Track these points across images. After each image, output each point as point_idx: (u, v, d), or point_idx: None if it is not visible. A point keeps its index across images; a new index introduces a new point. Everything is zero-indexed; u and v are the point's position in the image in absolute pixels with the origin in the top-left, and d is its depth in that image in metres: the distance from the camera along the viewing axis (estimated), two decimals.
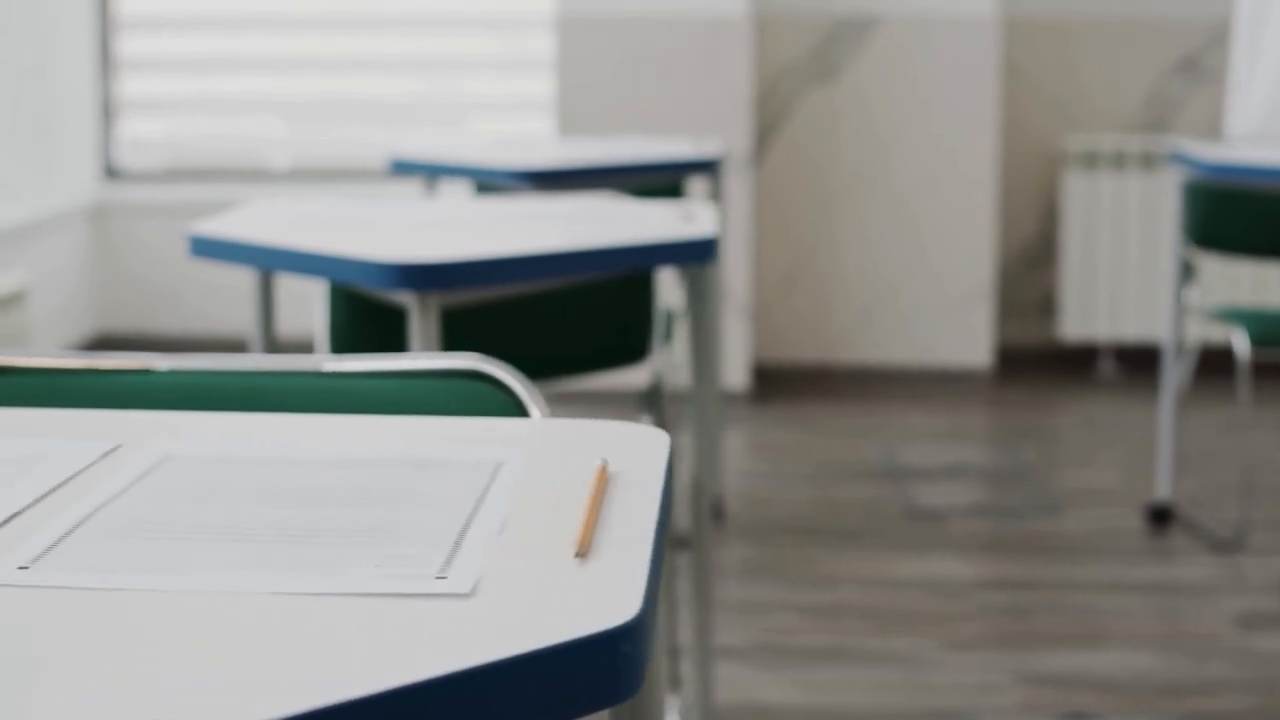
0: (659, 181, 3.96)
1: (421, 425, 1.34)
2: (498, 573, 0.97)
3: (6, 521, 1.06)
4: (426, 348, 2.17)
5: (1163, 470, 4.11)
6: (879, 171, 5.45)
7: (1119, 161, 5.47)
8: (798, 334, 5.54)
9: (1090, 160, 5.48)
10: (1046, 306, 5.68)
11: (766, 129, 5.44)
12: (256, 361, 1.57)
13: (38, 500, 1.10)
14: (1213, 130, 5.49)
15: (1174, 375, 4.06)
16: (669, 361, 3.62)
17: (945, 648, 3.32)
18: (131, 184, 5.89)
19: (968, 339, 5.49)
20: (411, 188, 5.59)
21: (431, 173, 3.82)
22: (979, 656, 3.27)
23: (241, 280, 5.72)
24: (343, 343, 2.83)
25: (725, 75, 5.15)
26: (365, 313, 2.79)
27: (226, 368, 1.57)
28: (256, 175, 5.89)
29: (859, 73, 5.40)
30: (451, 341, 2.47)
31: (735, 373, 5.24)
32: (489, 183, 3.77)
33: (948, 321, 5.50)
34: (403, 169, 3.83)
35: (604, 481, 1.12)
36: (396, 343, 2.75)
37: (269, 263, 2.36)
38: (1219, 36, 5.49)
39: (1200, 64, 5.52)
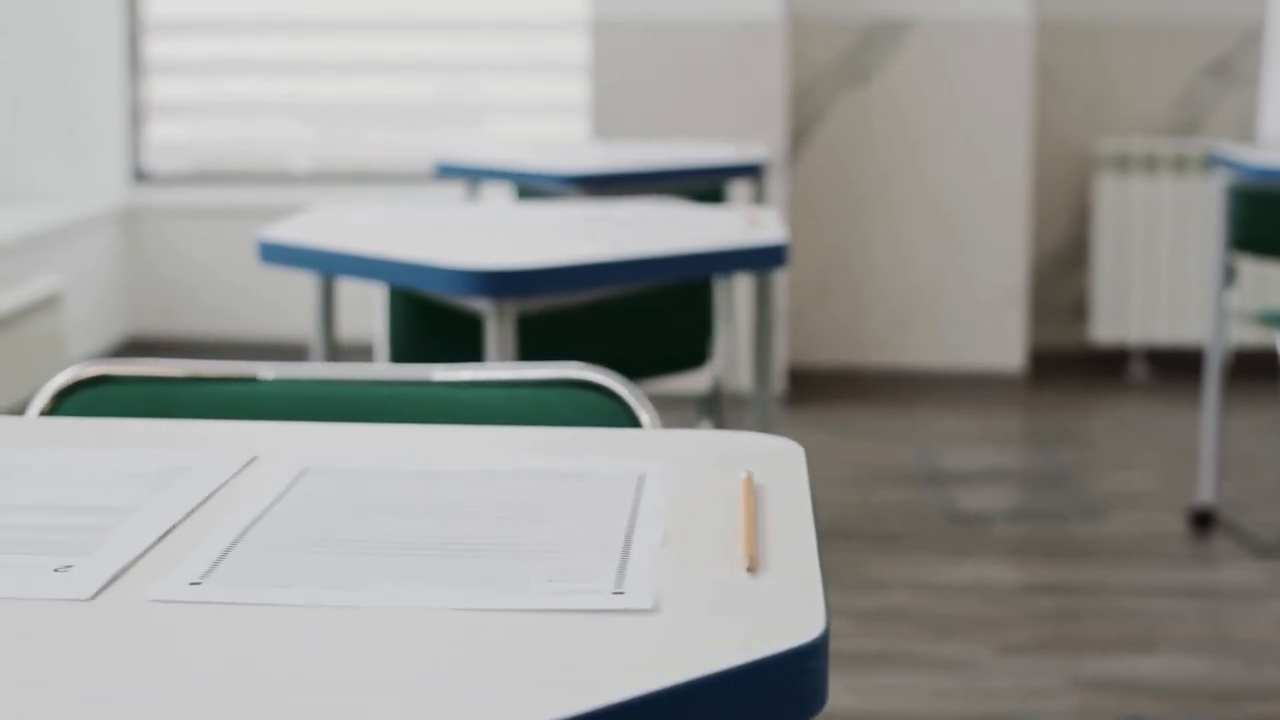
0: (701, 185, 3.96)
1: (547, 436, 1.34)
2: (671, 587, 0.96)
3: (164, 536, 1.05)
4: (504, 355, 2.17)
5: (1206, 474, 4.10)
6: (912, 175, 5.44)
7: (1151, 164, 5.47)
8: (831, 338, 5.53)
9: (1122, 163, 5.47)
10: (1078, 309, 5.67)
11: (800, 132, 5.44)
12: (363, 370, 1.57)
13: (189, 514, 1.09)
14: (1244, 133, 5.48)
15: (1216, 378, 4.05)
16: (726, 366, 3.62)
17: (997, 652, 3.31)
18: (160, 187, 5.89)
19: (1000, 342, 5.49)
20: (438, 190, 5.59)
21: (475, 176, 3.82)
22: (1031, 661, 3.27)
23: (271, 283, 5.72)
24: (402, 347, 2.82)
25: (759, 79, 5.15)
26: (424, 317, 2.79)
27: (333, 376, 1.57)
28: (284, 178, 5.89)
29: (892, 76, 5.40)
30: (519, 349, 2.47)
31: None
32: (532, 186, 3.76)
33: (980, 324, 5.49)
34: (447, 172, 3.83)
35: (753, 494, 1.12)
36: (457, 346, 2.74)
37: (343, 269, 2.35)
38: (1250, 39, 5.48)
39: (1232, 66, 5.52)
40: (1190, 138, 5.53)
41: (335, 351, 2.72)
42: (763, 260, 2.35)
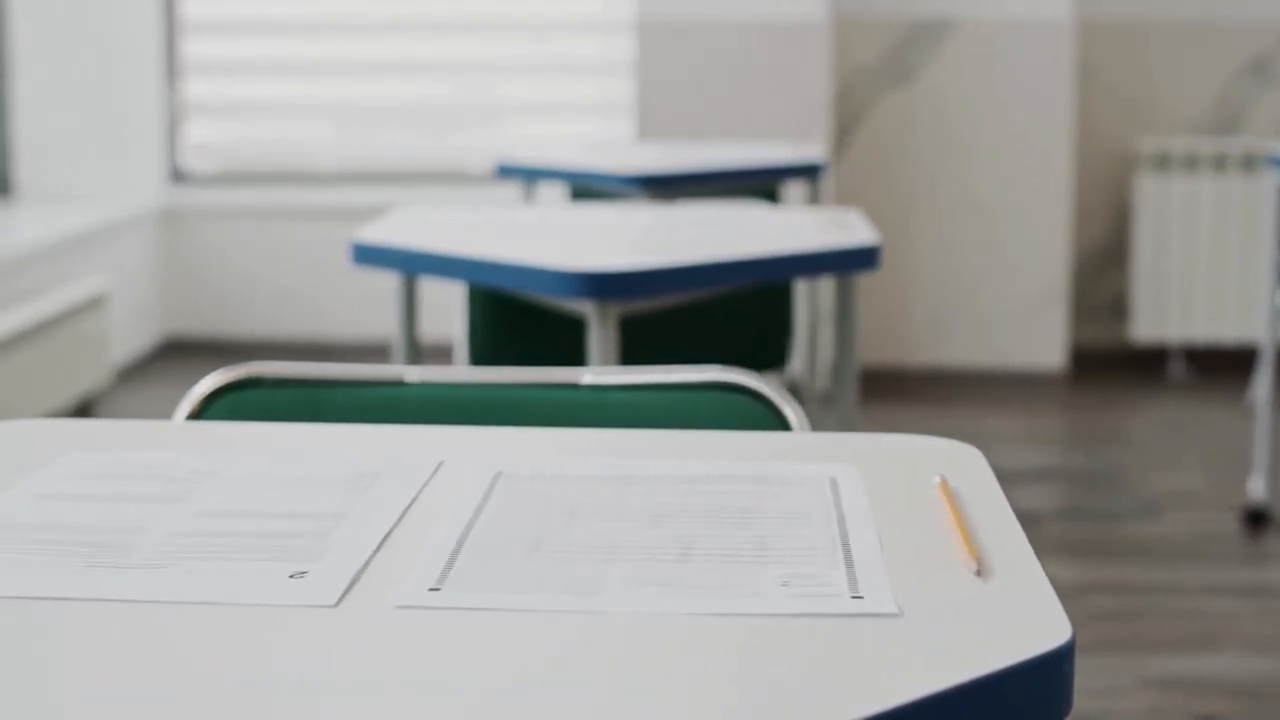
0: (755, 185, 3.96)
1: (720, 439, 1.34)
2: (904, 592, 0.97)
3: (383, 541, 1.06)
4: (606, 358, 2.17)
5: (1259, 472, 4.10)
6: (954, 174, 5.45)
7: (1191, 163, 5.48)
8: (874, 337, 5.54)
9: (1162, 162, 5.48)
10: (1118, 308, 5.68)
11: (842, 132, 5.44)
12: (510, 374, 1.57)
13: (400, 520, 1.10)
14: None
15: (1269, 377, 4.06)
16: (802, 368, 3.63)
17: None
18: (197, 188, 5.89)
19: (1042, 341, 5.50)
20: (487, 190, 5.60)
21: (534, 176, 3.83)
22: (1098, 660, 3.27)
23: (307, 284, 5.73)
24: (481, 347, 2.83)
25: (803, 78, 5.15)
26: (505, 317, 2.80)
27: (480, 380, 1.57)
28: (320, 179, 5.89)
29: (934, 76, 5.40)
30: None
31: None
32: (589, 187, 3.77)
33: (1022, 323, 5.50)
34: (507, 173, 3.84)
35: (953, 498, 1.13)
36: (540, 346, 2.75)
37: (439, 270, 2.36)
38: None
39: (1271, 65, 5.52)
40: (1230, 137, 5.54)
41: (416, 352, 2.72)
42: (856, 262, 2.36)
